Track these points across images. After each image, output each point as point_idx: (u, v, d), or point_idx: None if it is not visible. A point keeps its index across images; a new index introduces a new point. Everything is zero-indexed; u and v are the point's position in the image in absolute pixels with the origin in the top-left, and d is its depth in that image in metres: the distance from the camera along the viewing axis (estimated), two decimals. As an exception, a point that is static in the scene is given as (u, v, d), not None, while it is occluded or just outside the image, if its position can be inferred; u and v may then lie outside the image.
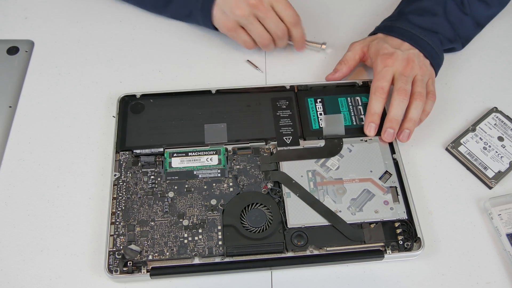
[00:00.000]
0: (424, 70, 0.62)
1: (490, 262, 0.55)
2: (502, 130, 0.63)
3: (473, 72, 0.69)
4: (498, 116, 0.64)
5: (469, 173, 0.61)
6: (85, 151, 0.62)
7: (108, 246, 0.54)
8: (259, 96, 0.64)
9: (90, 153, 0.62)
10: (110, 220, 0.55)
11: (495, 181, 0.59)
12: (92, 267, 0.54)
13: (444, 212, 0.58)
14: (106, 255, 0.53)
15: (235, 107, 0.63)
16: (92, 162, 0.61)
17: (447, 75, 0.69)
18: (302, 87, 0.65)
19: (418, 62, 0.62)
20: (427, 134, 0.64)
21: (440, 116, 0.65)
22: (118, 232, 0.55)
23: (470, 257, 0.56)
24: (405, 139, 0.61)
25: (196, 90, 0.65)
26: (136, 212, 0.56)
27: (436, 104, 0.63)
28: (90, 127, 0.64)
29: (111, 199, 0.57)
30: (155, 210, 0.56)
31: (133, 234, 0.55)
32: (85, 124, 0.64)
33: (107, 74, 0.68)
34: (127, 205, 0.57)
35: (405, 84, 0.60)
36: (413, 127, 0.60)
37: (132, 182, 0.58)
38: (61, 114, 0.65)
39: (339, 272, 0.55)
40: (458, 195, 0.60)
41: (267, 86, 0.66)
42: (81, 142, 0.63)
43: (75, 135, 0.63)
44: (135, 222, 0.55)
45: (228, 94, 0.65)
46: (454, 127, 0.64)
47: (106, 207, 0.57)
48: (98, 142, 0.63)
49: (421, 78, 0.61)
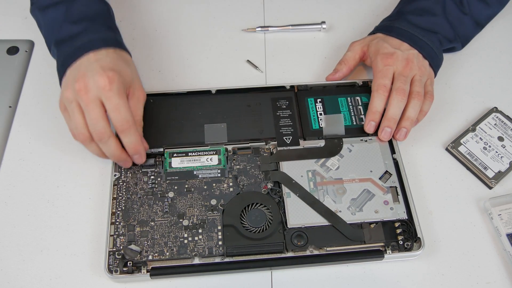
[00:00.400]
0: (422, 70, 0.62)
1: (490, 262, 0.55)
2: (502, 130, 0.63)
3: (473, 72, 0.69)
4: (498, 116, 0.64)
5: (469, 173, 0.61)
6: (85, 151, 0.61)
7: (108, 246, 0.54)
8: (259, 96, 0.64)
9: (90, 153, 0.61)
10: (110, 220, 0.55)
11: (495, 181, 0.59)
12: (92, 267, 0.54)
13: (444, 212, 0.58)
14: (106, 255, 0.53)
15: (235, 107, 0.63)
16: (92, 162, 0.61)
17: (447, 75, 0.69)
18: (302, 87, 0.65)
19: (417, 62, 0.62)
20: (427, 134, 0.64)
21: (440, 116, 0.65)
22: (118, 232, 0.55)
23: (470, 257, 0.56)
24: (402, 137, 0.61)
25: (196, 90, 0.65)
26: (136, 212, 0.56)
27: (436, 104, 0.63)
28: (90, 127, 0.64)
29: (111, 199, 0.57)
30: (155, 210, 0.56)
31: (133, 234, 0.55)
32: (85, 124, 0.64)
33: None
34: (127, 205, 0.57)
35: (404, 84, 0.60)
36: (410, 126, 0.60)
37: (132, 182, 0.58)
38: (61, 114, 0.65)
39: (339, 272, 0.55)
40: (458, 195, 0.60)
41: (267, 86, 0.66)
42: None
43: (75, 135, 0.63)
44: (135, 222, 0.55)
45: (228, 94, 0.65)
46: (454, 127, 0.64)
47: (106, 207, 0.57)
48: (98, 142, 0.63)
49: (420, 78, 0.61)
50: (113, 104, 0.53)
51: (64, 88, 0.56)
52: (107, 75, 0.53)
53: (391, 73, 0.61)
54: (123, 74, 0.56)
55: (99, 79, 0.53)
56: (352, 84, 0.66)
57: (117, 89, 0.53)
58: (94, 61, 0.55)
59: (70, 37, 0.58)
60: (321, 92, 0.65)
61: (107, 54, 0.57)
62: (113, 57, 0.57)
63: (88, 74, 0.54)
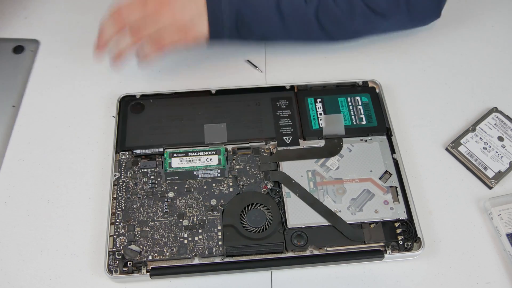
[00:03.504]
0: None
1: (490, 262, 0.55)
2: (502, 130, 0.63)
3: (473, 72, 0.69)
4: (498, 116, 0.64)
5: (469, 173, 0.61)
6: (85, 151, 0.62)
7: (108, 246, 0.54)
8: (259, 96, 0.64)
9: (90, 153, 0.62)
10: (110, 220, 0.55)
11: (495, 181, 0.59)
12: (92, 267, 0.54)
13: (444, 212, 0.58)
14: (106, 255, 0.53)
15: (235, 107, 0.63)
16: (92, 162, 0.61)
17: (447, 75, 0.69)
18: (302, 87, 0.65)
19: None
20: (427, 134, 0.64)
21: (440, 116, 0.65)
22: (118, 232, 0.55)
23: (470, 257, 0.56)
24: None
25: (196, 90, 0.65)
26: (136, 212, 0.56)
27: (436, 104, 0.63)
28: (90, 127, 0.64)
29: (111, 199, 0.57)
30: (155, 210, 0.56)
31: (133, 234, 0.55)
32: (85, 124, 0.64)
33: (107, 74, 0.68)
34: (127, 205, 0.57)
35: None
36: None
37: (132, 182, 0.58)
38: (61, 114, 0.65)
39: (339, 272, 0.55)
40: (458, 195, 0.60)
41: (267, 86, 0.66)
42: (81, 142, 0.63)
43: (75, 135, 0.63)
44: (135, 222, 0.55)
45: (228, 94, 0.65)
46: (454, 127, 0.64)
47: (106, 207, 0.57)
48: (98, 142, 0.63)
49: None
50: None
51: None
52: None
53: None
54: None
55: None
56: (352, 84, 0.66)
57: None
58: None
59: None
60: (321, 92, 0.65)
61: None
62: None
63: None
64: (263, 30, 0.64)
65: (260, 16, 0.62)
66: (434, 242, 0.56)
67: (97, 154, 0.62)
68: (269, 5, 0.62)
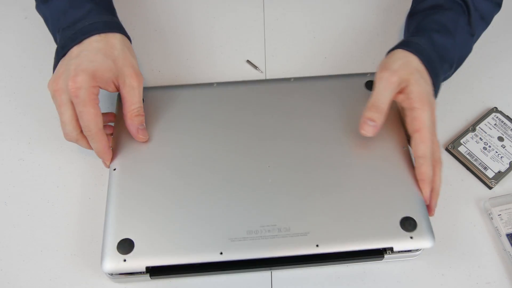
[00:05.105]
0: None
1: (490, 262, 0.55)
2: (502, 130, 0.63)
3: (473, 72, 0.69)
4: (498, 116, 0.64)
5: (469, 173, 0.61)
6: (85, 151, 0.61)
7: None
8: (259, 96, 0.64)
9: (90, 153, 0.61)
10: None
11: (495, 181, 0.59)
12: (92, 267, 0.54)
13: (444, 212, 0.58)
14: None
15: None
16: (92, 162, 0.61)
17: (447, 75, 0.68)
18: (302, 87, 0.65)
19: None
20: (427, 134, 0.64)
21: (440, 116, 0.65)
22: (118, 232, 0.55)
23: (470, 257, 0.56)
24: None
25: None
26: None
27: (436, 104, 0.63)
28: (90, 127, 0.64)
29: (111, 199, 0.57)
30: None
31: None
32: (85, 124, 0.64)
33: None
34: (127, 205, 0.56)
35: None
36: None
37: (132, 182, 0.58)
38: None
39: (339, 272, 0.55)
40: (458, 195, 0.60)
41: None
42: (81, 142, 0.63)
43: (75, 135, 0.63)
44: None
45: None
46: (454, 127, 0.64)
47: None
48: (98, 142, 0.63)
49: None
50: (78, 110, 0.53)
51: (51, 79, 0.55)
52: (75, 80, 0.52)
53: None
54: (102, 70, 0.54)
55: (69, 83, 0.53)
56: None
57: (83, 96, 0.52)
58: (75, 56, 0.55)
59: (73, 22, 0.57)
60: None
61: (95, 41, 0.55)
62: (97, 48, 0.55)
63: (63, 76, 0.54)
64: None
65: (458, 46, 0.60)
66: (434, 242, 0.56)
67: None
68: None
